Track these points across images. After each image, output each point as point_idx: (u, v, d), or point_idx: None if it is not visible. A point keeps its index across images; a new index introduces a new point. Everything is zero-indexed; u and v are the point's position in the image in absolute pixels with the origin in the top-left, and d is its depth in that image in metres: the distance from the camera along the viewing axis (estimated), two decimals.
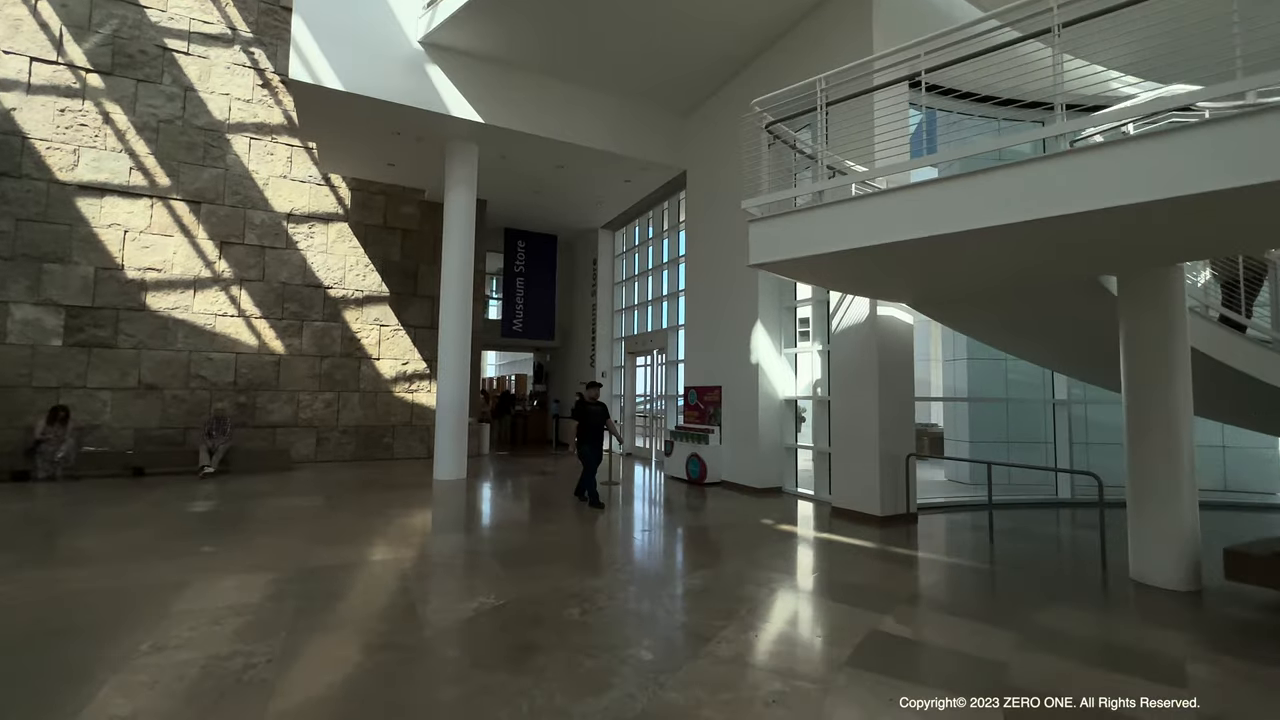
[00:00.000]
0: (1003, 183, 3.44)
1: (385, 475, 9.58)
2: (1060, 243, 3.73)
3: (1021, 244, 3.76)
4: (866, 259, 4.19)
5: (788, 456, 8.52)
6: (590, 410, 7.19)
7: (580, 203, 12.81)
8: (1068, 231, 3.45)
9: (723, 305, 9.37)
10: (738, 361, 8.89)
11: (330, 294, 11.47)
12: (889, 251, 3.97)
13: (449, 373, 9.37)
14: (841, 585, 4.31)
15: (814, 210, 4.24)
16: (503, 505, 7.39)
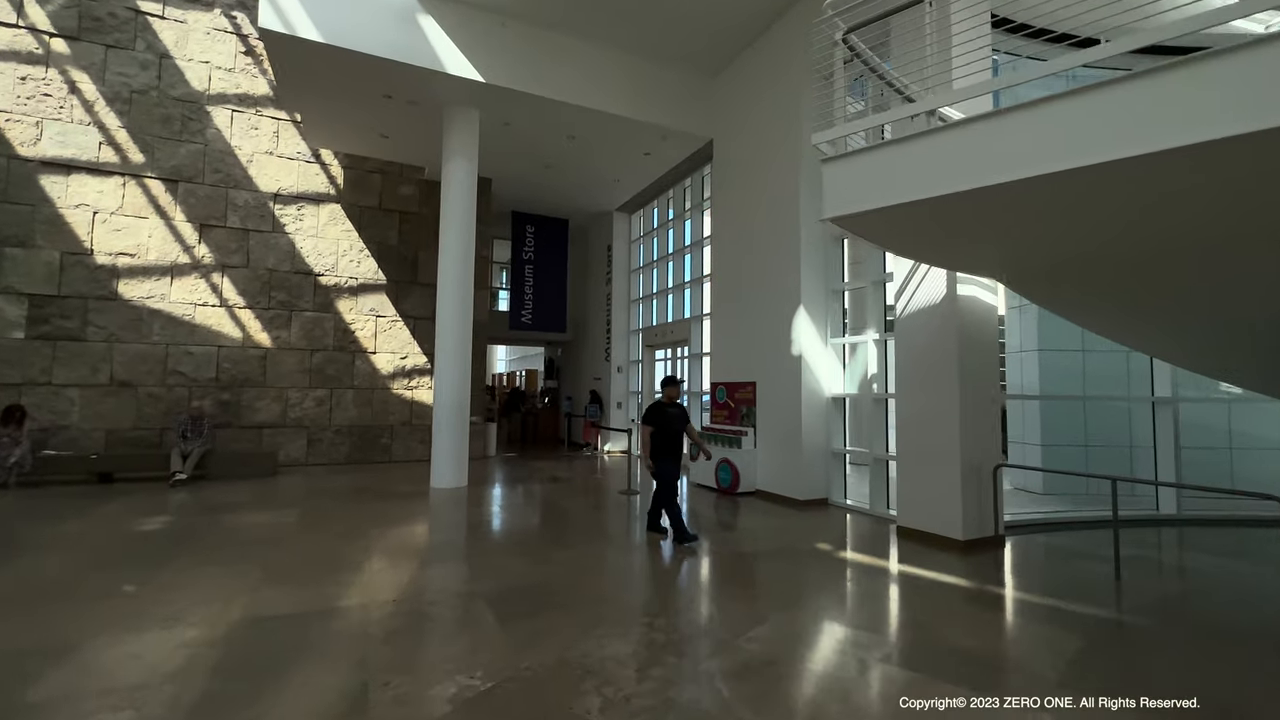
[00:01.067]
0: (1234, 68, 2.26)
1: (378, 482, 8.57)
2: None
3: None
4: (996, 205, 3.02)
5: (834, 463, 7.36)
6: (669, 414, 5.71)
7: (594, 181, 11.68)
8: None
9: (757, 290, 8.20)
10: (775, 354, 7.73)
11: (321, 282, 10.49)
12: (1037, 190, 2.81)
13: (448, 368, 8.32)
14: (967, 658, 3.15)
15: (918, 140, 3.08)
16: (507, 522, 6.32)
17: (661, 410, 5.73)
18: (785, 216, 7.66)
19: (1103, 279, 3.96)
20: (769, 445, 7.83)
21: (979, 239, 3.71)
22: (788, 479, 7.44)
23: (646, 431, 5.65)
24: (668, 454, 5.64)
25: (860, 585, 4.35)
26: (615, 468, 10.59)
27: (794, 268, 7.47)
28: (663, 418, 5.69)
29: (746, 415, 8.28)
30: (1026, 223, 3.40)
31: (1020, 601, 4.01)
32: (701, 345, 10.70)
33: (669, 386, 5.91)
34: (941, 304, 5.51)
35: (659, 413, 5.72)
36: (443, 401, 8.25)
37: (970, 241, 3.82)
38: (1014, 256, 4.09)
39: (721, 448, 8.26)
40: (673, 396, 5.84)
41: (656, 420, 5.68)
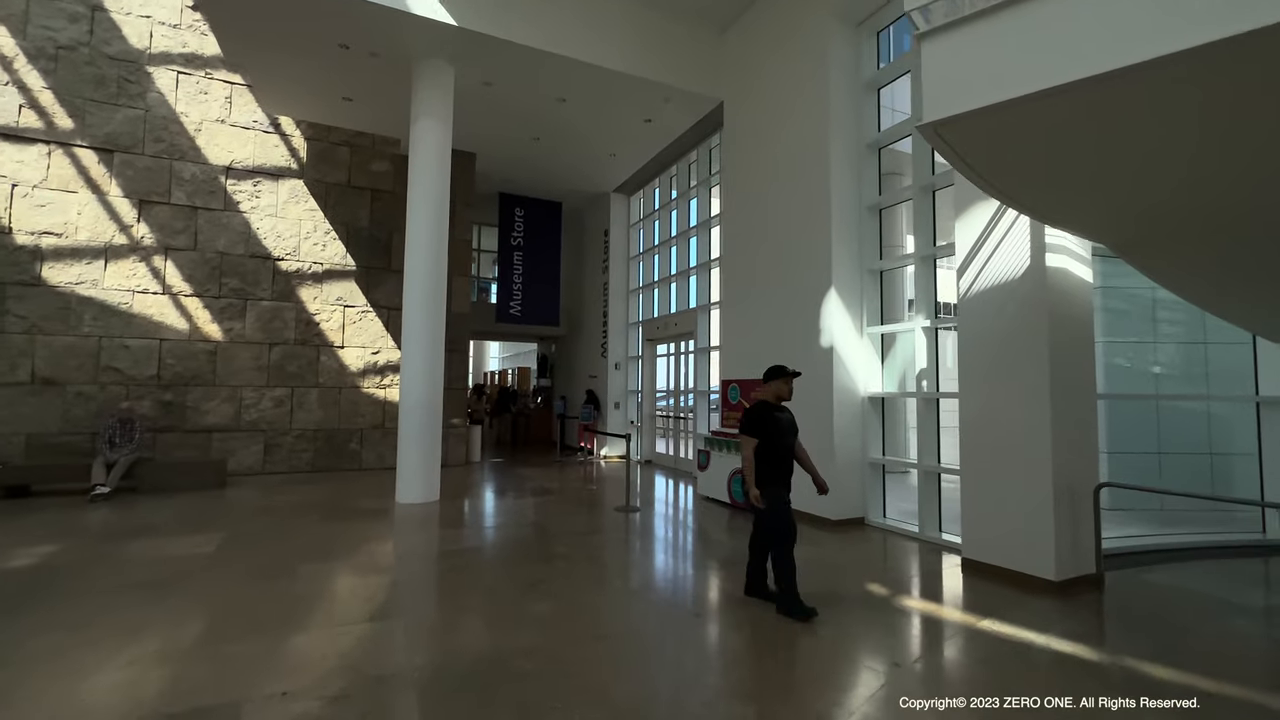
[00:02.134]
0: None
1: (338, 495, 7.40)
2: None
3: None
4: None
5: (872, 476, 6.19)
6: (780, 422, 3.87)
7: (589, 157, 10.50)
8: None
9: (776, 273, 7.03)
10: (799, 345, 6.56)
11: (281, 267, 9.31)
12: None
13: (415, 363, 7.14)
14: None
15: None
16: (475, 553, 5.14)
17: (769, 415, 3.79)
18: (812, 185, 6.48)
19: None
20: None
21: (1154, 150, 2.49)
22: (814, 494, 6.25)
23: (750, 446, 3.79)
24: (778, 480, 3.79)
25: (939, 654, 3.17)
26: (612, 476, 9.42)
27: (823, 245, 6.30)
28: (773, 426, 3.76)
29: None
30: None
31: (1203, 694, 2.84)
32: (709, 338, 9.53)
33: (777, 378, 3.90)
34: (1024, 279, 4.34)
35: (766, 419, 3.78)
36: (410, 402, 7.08)
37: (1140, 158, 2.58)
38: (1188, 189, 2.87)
39: (734, 456, 7.08)
40: (783, 396, 3.93)
41: (763, 429, 3.76)
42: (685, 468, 10.02)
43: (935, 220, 5.77)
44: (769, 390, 3.94)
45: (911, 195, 5.87)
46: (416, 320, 7.16)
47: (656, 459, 11.09)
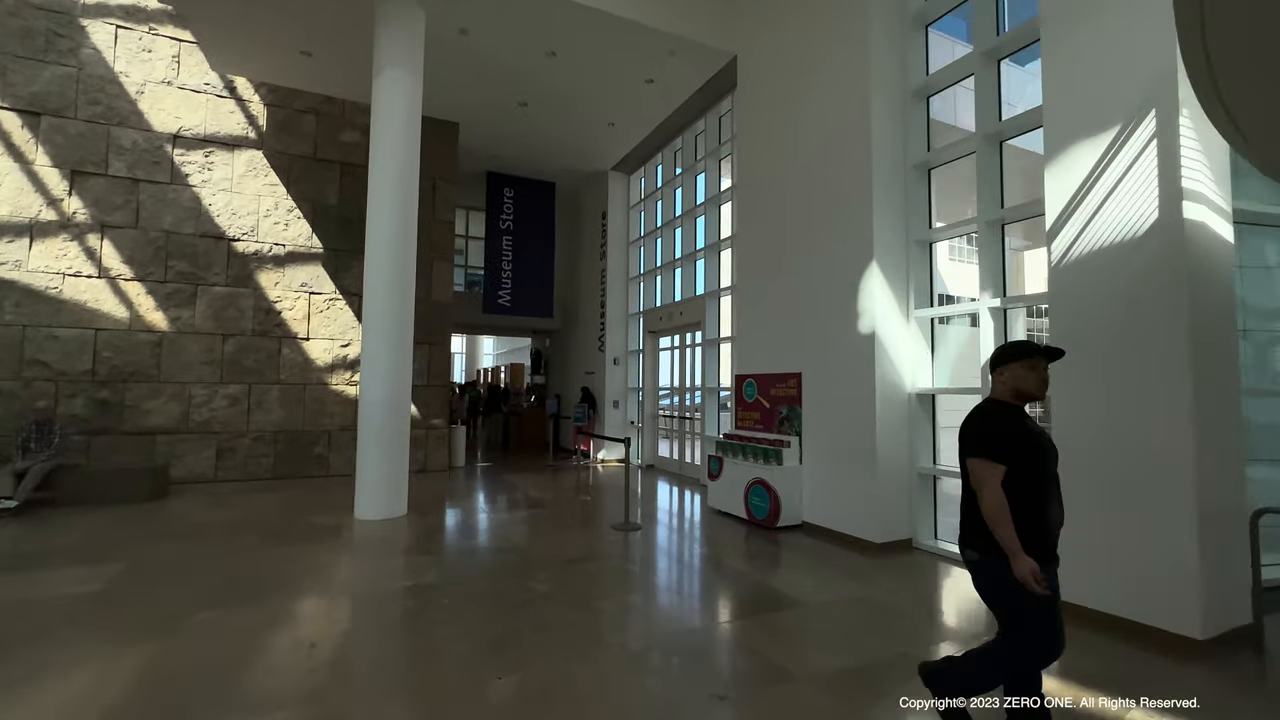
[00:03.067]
0: None
1: (290, 508, 6.36)
2: None
3: None
4: None
5: (922, 490, 5.13)
6: (1042, 440, 2.16)
7: (583, 126, 9.43)
8: None
9: (803, 249, 5.98)
10: (831, 333, 5.51)
11: (237, 248, 8.26)
12: None
13: (378, 355, 6.10)
14: None
15: None
16: (437, 593, 4.09)
17: (1020, 428, 2.15)
18: (848, 142, 5.44)
19: None
20: (823, 461, 5.61)
21: None
22: (853, 510, 5.22)
23: (996, 477, 2.08)
24: (1040, 544, 2.05)
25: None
26: (610, 484, 8.37)
27: (861, 212, 5.25)
28: (1030, 448, 2.12)
29: (788, 419, 6.05)
30: None
31: None
32: (718, 329, 8.48)
33: (1017, 361, 2.18)
34: (1149, 239, 3.29)
35: (1017, 434, 2.13)
36: (371, 401, 6.03)
37: None
38: None
39: (751, 463, 6.04)
40: (1029, 394, 2.19)
41: (1016, 451, 2.10)
42: (691, 474, 8.97)
43: (1003, 177, 4.71)
44: (1004, 384, 2.20)
45: (974, 147, 4.81)
46: (379, 305, 6.12)
47: (659, 463, 10.04)
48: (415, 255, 6.49)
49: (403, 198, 6.25)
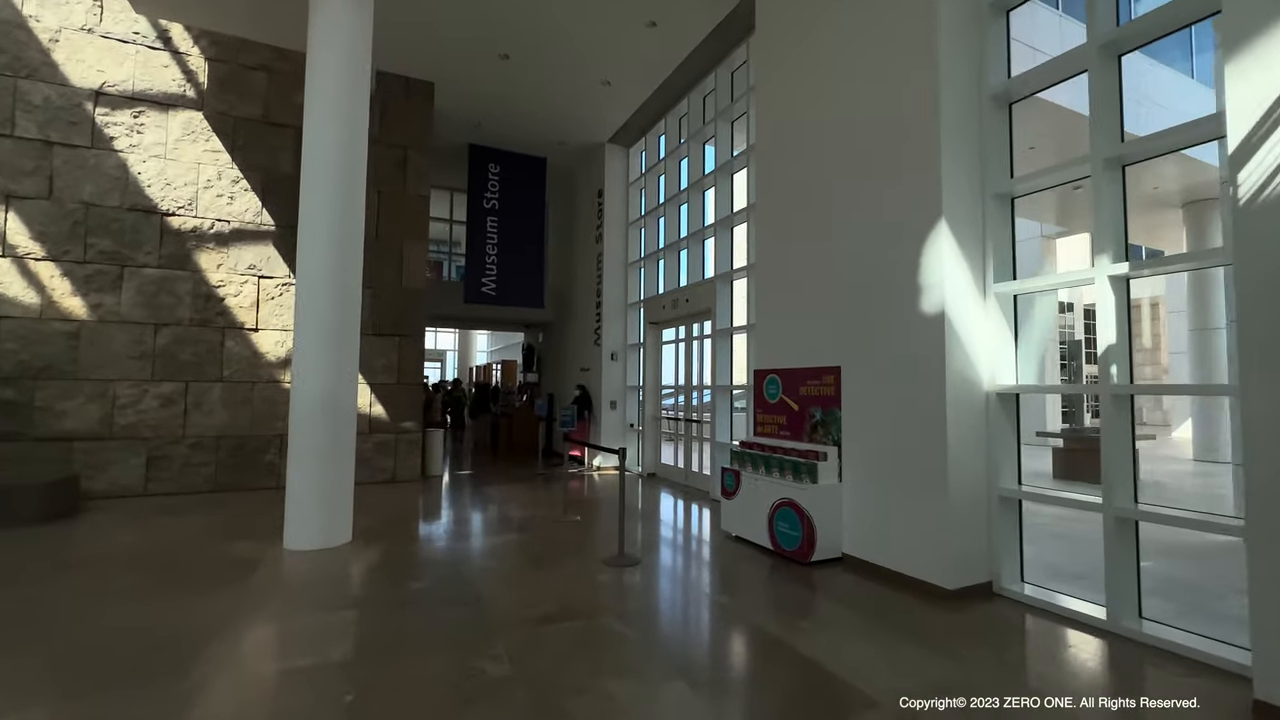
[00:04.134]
0: None
1: (212, 532, 5.21)
2: None
3: None
4: None
5: (1004, 516, 3.93)
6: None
7: (576, 85, 8.25)
8: None
9: (845, 211, 4.79)
10: (883, 316, 4.33)
11: (172, 224, 7.12)
12: None
13: (313, 349, 4.97)
14: None
15: None
16: (348, 675, 2.92)
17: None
18: (904, 70, 4.26)
19: None
20: (870, 478, 4.42)
21: None
22: (913, 543, 4.03)
23: None
24: None
25: None
26: (606, 499, 7.20)
27: (924, 157, 4.06)
28: None
29: (821, 424, 4.87)
30: None
31: None
32: (730, 317, 7.30)
33: None
34: None
35: None
36: (304, 401, 4.88)
37: None
38: None
39: (777, 479, 4.86)
40: None
41: None
42: (699, 485, 7.80)
43: (1122, 101, 3.51)
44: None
45: (1085, 65, 3.60)
46: (314, 290, 4.98)
47: (662, 472, 8.86)
48: (362, 232, 5.33)
49: (345, 162, 5.08)
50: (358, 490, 6.85)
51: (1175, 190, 12.29)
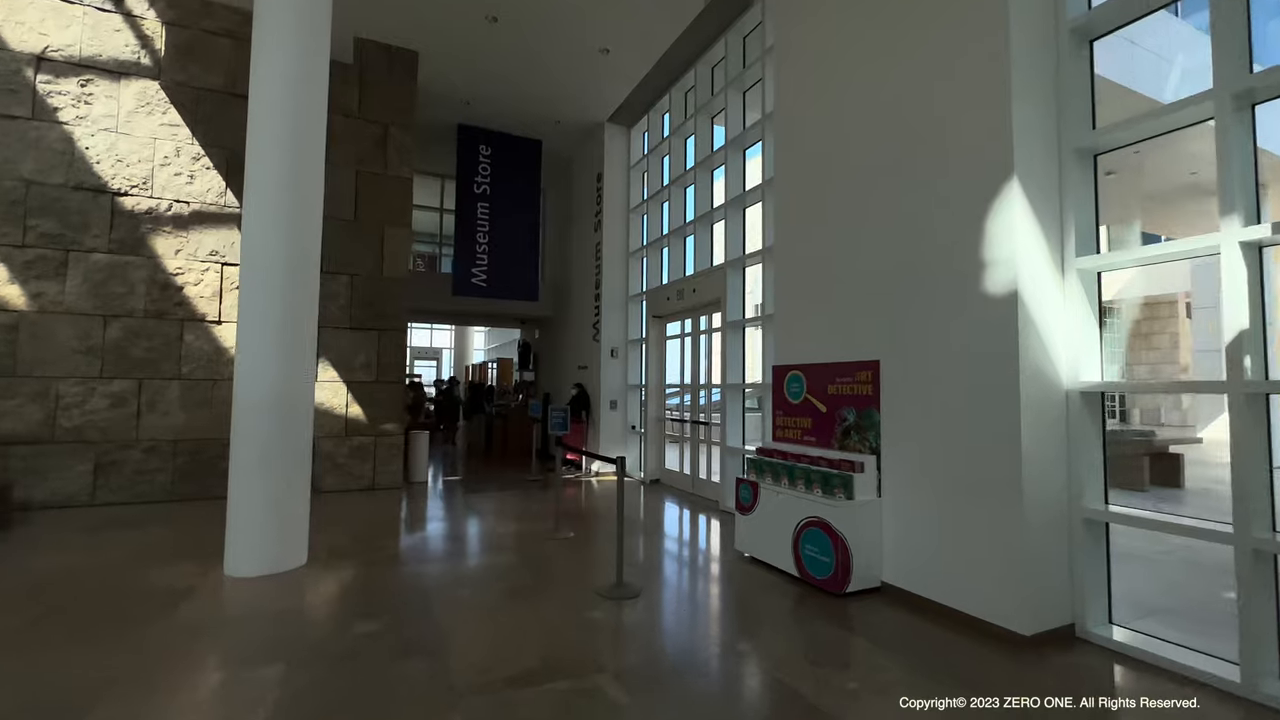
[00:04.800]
0: None
1: (145, 556, 4.51)
2: None
3: None
4: None
5: (1089, 544, 3.20)
6: None
7: (572, 53, 7.54)
8: None
9: (886, 175, 4.07)
10: (935, 299, 3.62)
11: (124, 205, 6.43)
12: None
13: (259, 343, 4.26)
14: None
15: None
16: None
17: None
18: (967, 12, 3.53)
19: None
20: (918, 493, 3.70)
21: None
22: (977, 575, 3.31)
23: None
24: None
25: None
26: (603, 509, 6.49)
27: (992, 105, 3.34)
28: None
29: (856, 428, 4.14)
30: None
31: None
32: (742, 308, 6.58)
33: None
34: None
35: None
36: (248, 404, 4.17)
37: None
38: None
39: (803, 493, 4.14)
40: None
41: None
42: (707, 494, 7.08)
43: (1250, 22, 2.79)
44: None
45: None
46: (260, 277, 4.28)
47: (666, 478, 8.14)
48: (319, 211, 4.63)
49: (297, 131, 4.39)
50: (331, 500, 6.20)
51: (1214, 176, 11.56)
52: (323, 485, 7.02)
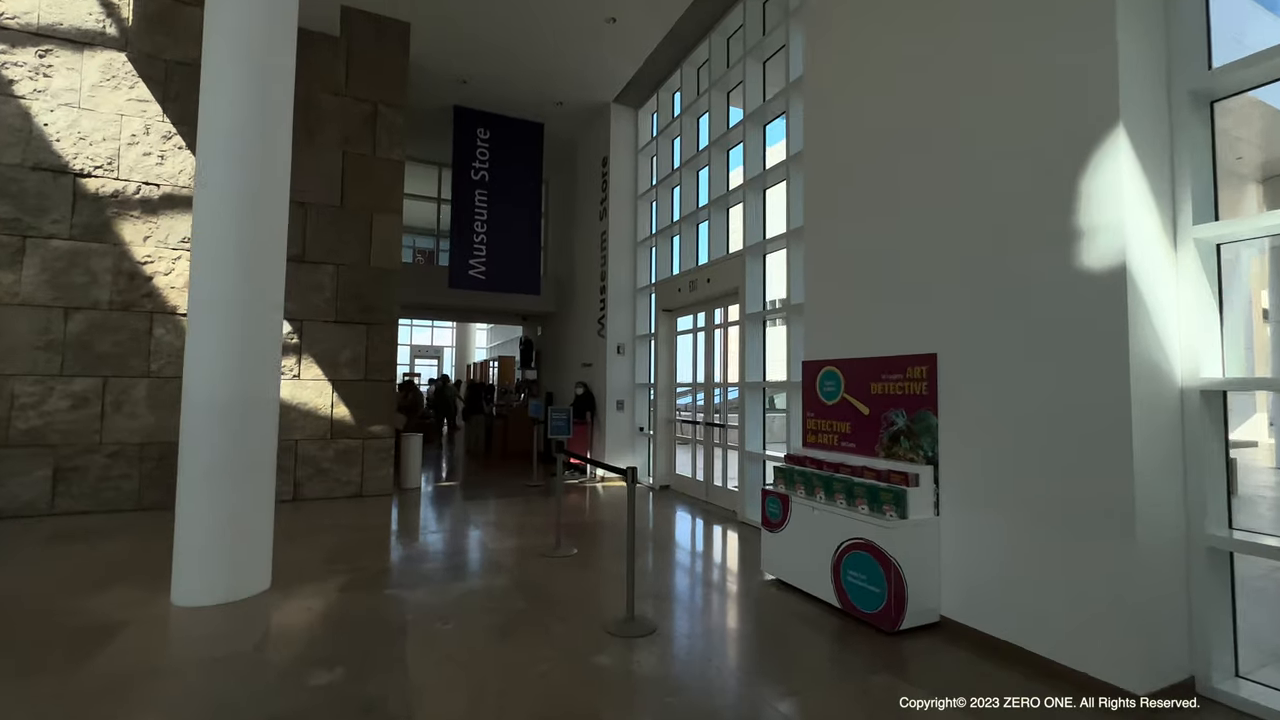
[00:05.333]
0: None
1: (89, 577, 3.96)
2: None
3: None
4: None
5: (1212, 579, 2.58)
6: None
7: (575, 23, 6.95)
8: None
9: (944, 144, 3.46)
10: (1013, 280, 3.01)
11: (88, 187, 5.90)
12: None
13: (209, 332, 3.69)
14: None
15: None
16: None
17: None
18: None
19: None
20: (986, 511, 3.10)
21: None
22: (1071, 616, 2.71)
23: None
24: None
25: None
26: (609, 520, 5.91)
27: (1097, 36, 2.72)
28: None
29: (906, 434, 3.54)
30: None
31: None
32: (763, 298, 5.98)
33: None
34: None
35: None
36: (198, 405, 3.61)
37: None
38: None
39: (843, 509, 3.53)
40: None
41: None
42: (723, 502, 6.48)
43: None
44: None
45: None
46: (211, 262, 3.70)
47: (678, 484, 7.54)
48: (285, 192, 4.07)
49: (256, 100, 3.80)
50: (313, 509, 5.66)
51: (1258, 163, 10.85)
52: (305, 493, 6.48)
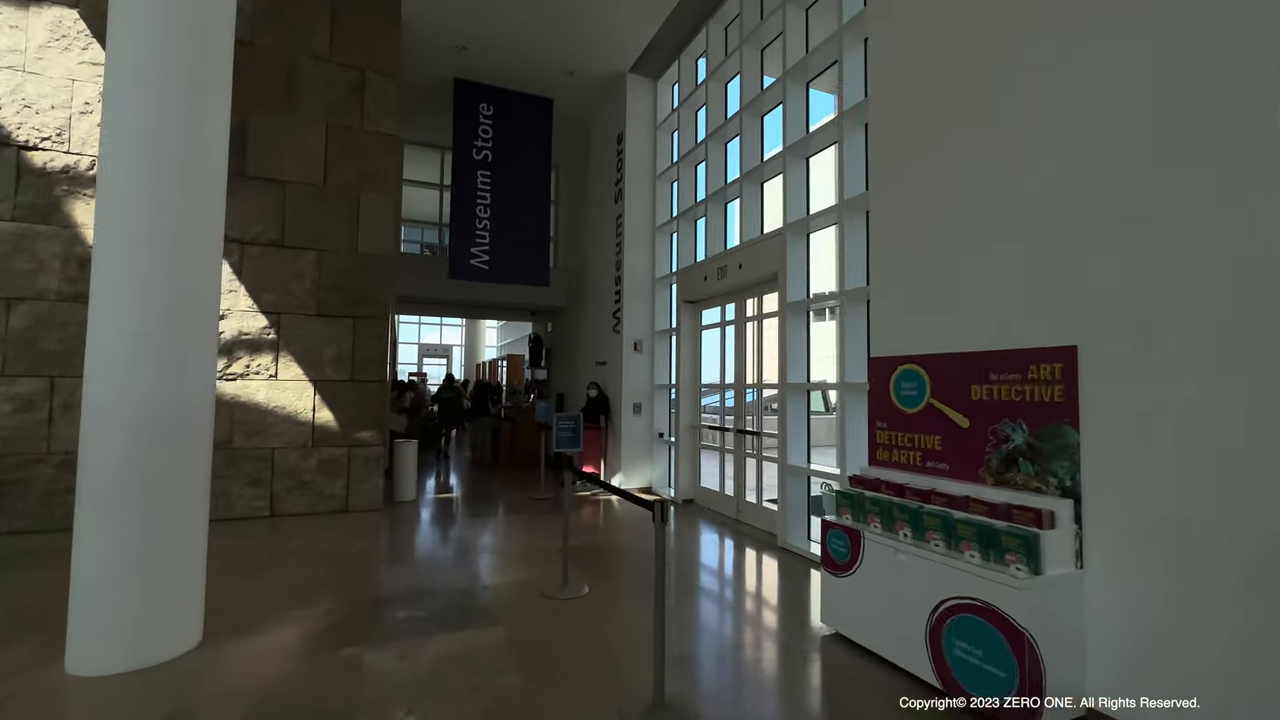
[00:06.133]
0: None
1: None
2: None
3: None
4: None
5: None
6: None
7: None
8: None
9: (1085, 69, 2.56)
10: (1199, 243, 2.08)
11: (34, 161, 5.20)
12: None
13: (111, 327, 2.90)
14: None
15: None
16: None
17: None
18: None
19: None
20: (1159, 568, 2.19)
21: None
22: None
23: None
24: None
25: None
26: (628, 546, 5.07)
27: None
28: None
29: (1029, 455, 2.64)
30: None
31: None
32: (807, 286, 5.09)
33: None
34: None
35: None
36: (99, 412, 2.82)
37: None
38: None
39: (941, 553, 2.65)
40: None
41: None
42: (757, 521, 5.61)
43: None
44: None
45: None
46: (119, 244, 2.95)
47: (702, 498, 6.67)
48: (224, 160, 3.32)
49: (179, 37, 3.03)
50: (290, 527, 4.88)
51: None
52: (283, 508, 5.73)
